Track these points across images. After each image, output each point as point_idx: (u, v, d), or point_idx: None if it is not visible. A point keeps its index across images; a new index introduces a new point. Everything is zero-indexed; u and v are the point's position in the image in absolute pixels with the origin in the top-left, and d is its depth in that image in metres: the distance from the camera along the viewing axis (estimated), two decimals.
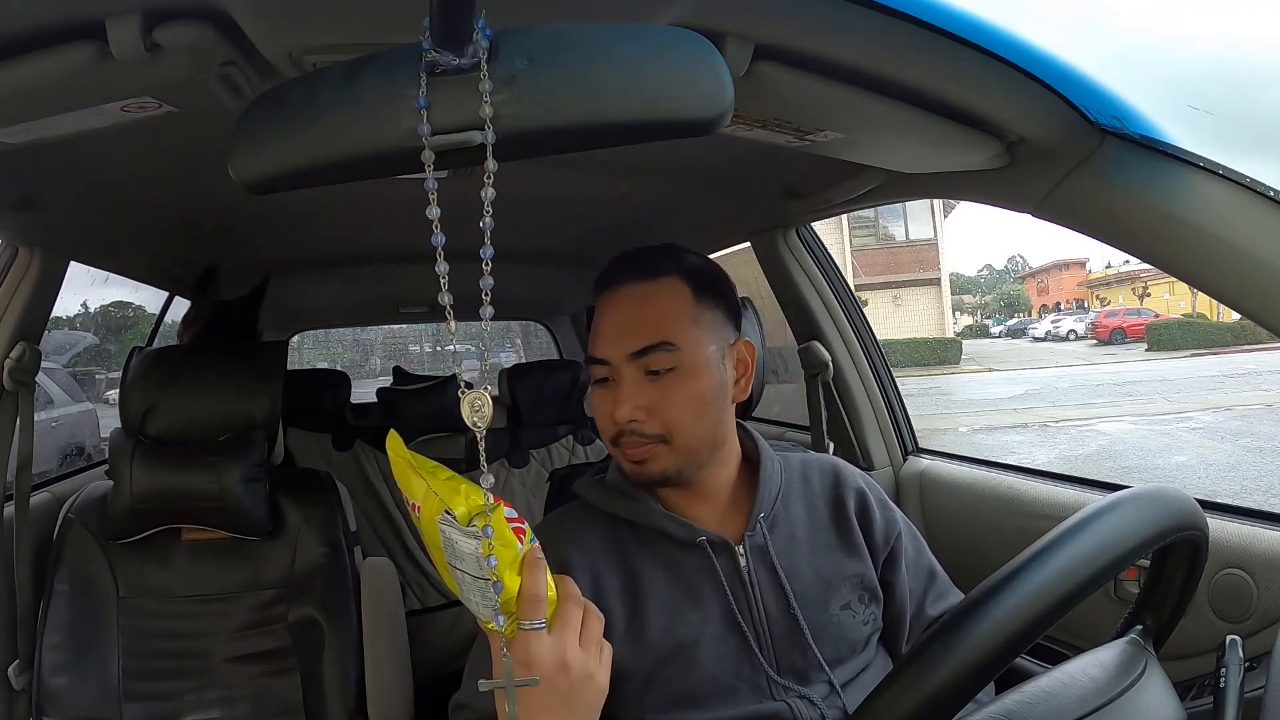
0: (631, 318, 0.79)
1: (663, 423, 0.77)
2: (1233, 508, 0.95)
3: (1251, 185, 0.62)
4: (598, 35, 0.48)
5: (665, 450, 0.78)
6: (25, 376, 1.16)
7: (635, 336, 0.78)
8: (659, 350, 0.77)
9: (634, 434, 0.78)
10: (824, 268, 1.48)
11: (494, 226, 0.46)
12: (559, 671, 0.56)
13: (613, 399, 0.78)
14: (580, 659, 0.58)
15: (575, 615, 0.59)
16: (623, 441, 0.79)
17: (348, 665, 1.19)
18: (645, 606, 0.78)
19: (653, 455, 0.78)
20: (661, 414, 0.77)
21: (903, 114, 0.71)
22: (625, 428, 0.78)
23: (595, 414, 0.82)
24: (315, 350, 5.31)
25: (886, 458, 1.48)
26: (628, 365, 0.78)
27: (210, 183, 0.81)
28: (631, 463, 0.79)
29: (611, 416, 0.78)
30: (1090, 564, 0.50)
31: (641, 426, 0.77)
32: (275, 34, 0.61)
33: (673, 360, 0.78)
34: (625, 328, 0.79)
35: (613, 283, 0.81)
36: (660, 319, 0.78)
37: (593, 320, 0.82)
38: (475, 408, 0.48)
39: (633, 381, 0.78)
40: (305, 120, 0.47)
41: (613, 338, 0.79)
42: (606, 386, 0.80)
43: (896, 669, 0.51)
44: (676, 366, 0.78)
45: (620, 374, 0.78)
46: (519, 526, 0.55)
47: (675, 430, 0.78)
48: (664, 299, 0.80)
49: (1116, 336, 20.11)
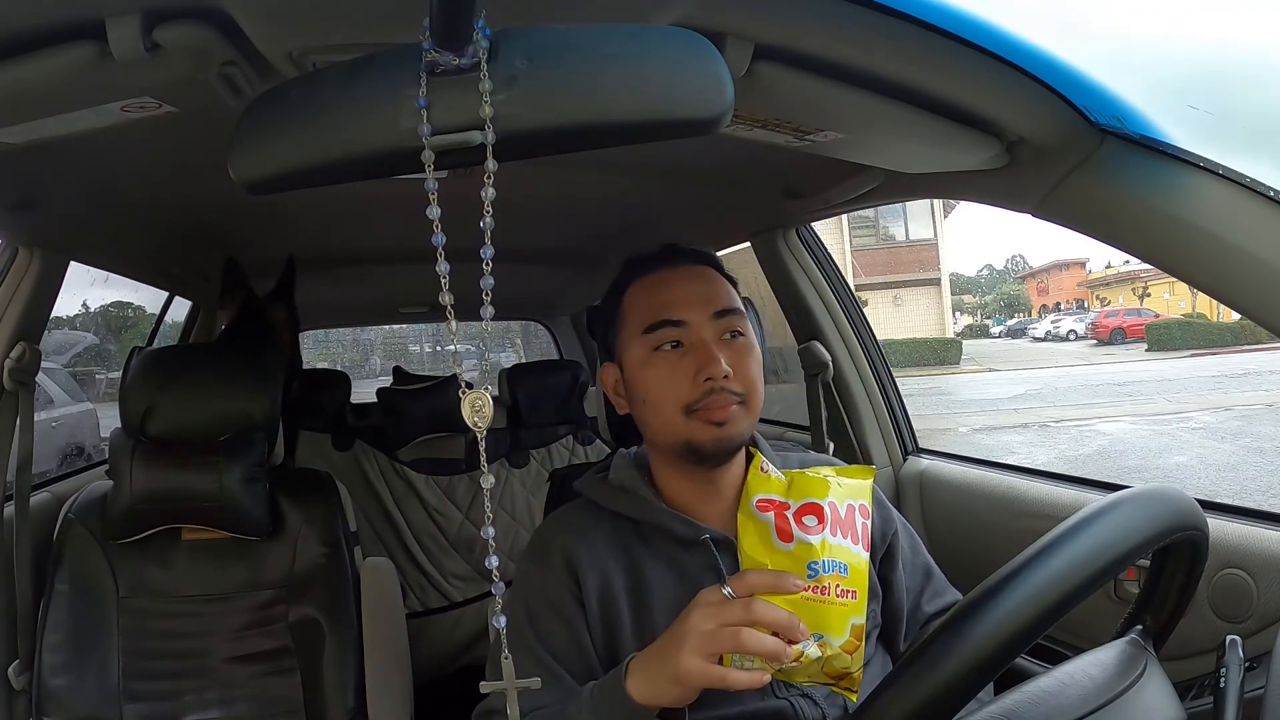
0: (704, 286, 0.81)
1: (744, 382, 0.78)
2: (1233, 508, 0.95)
3: (1251, 185, 0.62)
4: (598, 35, 0.48)
5: (743, 413, 0.79)
6: (25, 376, 1.16)
7: (715, 301, 0.80)
8: (736, 314, 0.80)
9: (724, 391, 0.77)
10: (824, 268, 1.48)
11: (494, 226, 0.46)
12: None
13: (693, 360, 0.78)
14: None
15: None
16: (709, 402, 0.77)
17: (348, 665, 1.18)
18: (650, 604, 0.79)
19: (733, 417, 0.78)
20: (744, 374, 0.78)
21: (903, 114, 0.71)
22: (717, 385, 0.76)
23: (661, 384, 0.79)
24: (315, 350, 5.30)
25: (886, 458, 1.48)
26: (710, 325, 0.79)
27: (210, 183, 0.81)
28: (714, 424, 0.77)
29: (696, 378, 0.77)
30: (1090, 564, 0.50)
31: (730, 384, 0.77)
32: (275, 34, 0.61)
33: (744, 326, 0.81)
34: (703, 294, 0.80)
35: (664, 264, 0.83)
36: (727, 291, 0.82)
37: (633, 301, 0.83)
38: (475, 408, 0.48)
39: (716, 341, 0.78)
40: (305, 120, 0.47)
41: (692, 301, 0.80)
42: (677, 352, 0.79)
43: (897, 669, 0.51)
44: (746, 333, 0.81)
45: (700, 335, 0.79)
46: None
47: (753, 391, 0.79)
48: (719, 279, 0.83)
49: (1116, 336, 20.10)
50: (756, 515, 0.67)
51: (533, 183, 1.26)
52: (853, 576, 0.64)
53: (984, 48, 0.61)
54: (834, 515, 0.65)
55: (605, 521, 0.83)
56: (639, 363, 0.81)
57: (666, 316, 0.79)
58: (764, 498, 0.67)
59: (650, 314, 0.80)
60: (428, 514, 2.11)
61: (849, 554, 0.65)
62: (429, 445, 2.18)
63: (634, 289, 0.83)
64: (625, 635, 0.78)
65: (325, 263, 1.94)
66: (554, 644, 0.78)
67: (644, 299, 0.82)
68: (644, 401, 0.81)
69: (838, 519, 0.65)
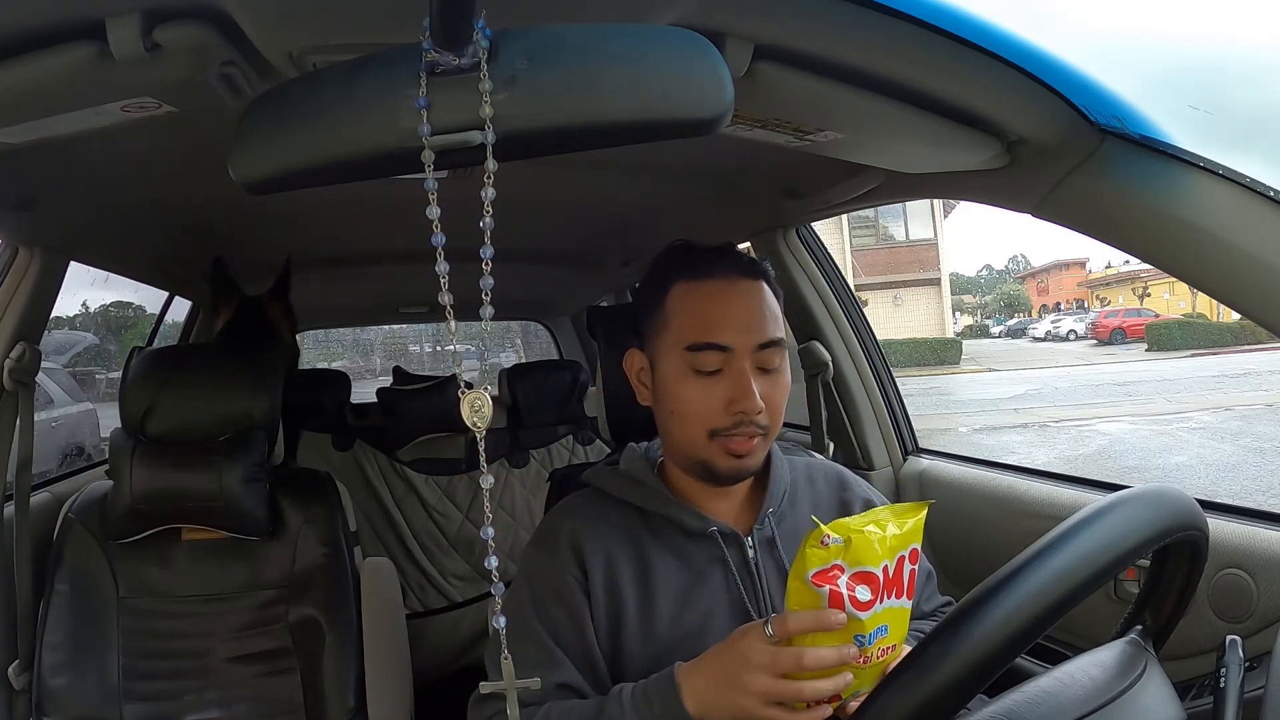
0: (756, 311, 0.79)
1: (772, 416, 0.78)
2: (1233, 508, 0.95)
3: (1251, 185, 0.62)
4: (598, 35, 0.48)
5: (763, 443, 0.79)
6: (25, 376, 1.16)
7: (761, 330, 0.78)
8: (777, 347, 0.79)
9: (752, 424, 0.77)
10: (824, 268, 1.48)
11: (494, 226, 0.46)
12: None
13: (728, 389, 0.76)
14: None
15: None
16: (737, 432, 0.77)
17: (348, 665, 1.18)
18: (656, 594, 0.79)
19: (754, 449, 0.78)
20: (773, 408, 0.78)
21: (903, 114, 0.71)
22: (747, 418, 0.76)
23: (692, 404, 0.78)
24: (315, 350, 5.31)
25: (886, 458, 1.48)
26: (752, 356, 0.77)
27: (210, 183, 0.81)
28: (735, 456, 0.78)
29: (729, 408, 0.76)
30: (1090, 564, 0.50)
31: (761, 417, 0.77)
32: (275, 34, 0.61)
33: (781, 359, 0.80)
34: (752, 319, 0.78)
35: (718, 273, 0.80)
36: (776, 318, 0.80)
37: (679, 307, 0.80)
38: (475, 408, 0.48)
39: (754, 372, 0.77)
40: (305, 120, 0.47)
41: (740, 327, 0.78)
42: (714, 377, 0.77)
43: (897, 669, 0.51)
44: (781, 365, 0.80)
45: (741, 364, 0.77)
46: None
47: (776, 424, 0.80)
48: (770, 300, 0.81)
49: (1116, 336, 20.08)
50: (812, 588, 0.62)
51: (533, 183, 1.26)
52: (893, 632, 0.63)
53: (984, 48, 0.61)
54: (885, 579, 0.62)
55: (613, 511, 0.84)
56: (675, 374, 0.79)
57: (714, 340, 0.77)
58: (820, 570, 0.62)
59: (697, 331, 0.78)
60: (428, 514, 2.11)
61: (894, 612, 0.63)
62: (429, 445, 2.18)
63: (683, 290, 0.80)
64: (630, 623, 0.78)
65: (325, 263, 1.94)
66: (557, 629, 0.79)
67: (692, 308, 0.79)
68: (671, 413, 0.80)
69: (889, 582, 0.62)
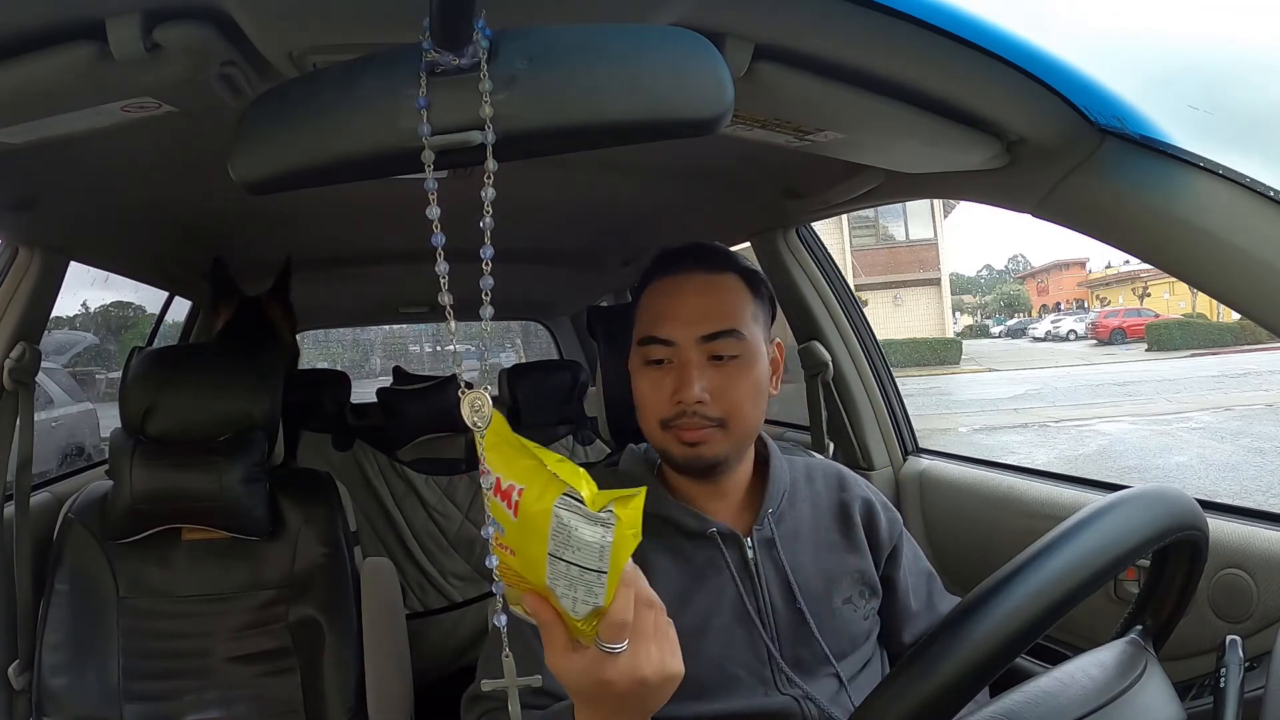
0: (703, 303, 0.81)
1: (724, 407, 0.79)
2: (1233, 508, 0.95)
3: (1251, 185, 0.62)
4: (598, 35, 0.48)
5: (721, 435, 0.80)
6: (25, 376, 1.16)
7: (707, 321, 0.80)
8: (729, 337, 0.80)
9: (696, 415, 0.79)
10: (824, 268, 1.48)
11: (494, 226, 0.46)
12: (637, 686, 0.51)
13: (673, 380, 0.79)
14: (657, 666, 0.52)
15: (648, 620, 0.52)
16: (680, 423, 0.79)
17: (348, 665, 1.18)
18: None
19: (709, 439, 0.79)
20: (724, 398, 0.79)
21: (903, 114, 0.71)
22: (688, 409, 0.78)
23: (645, 396, 0.82)
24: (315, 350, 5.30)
25: (886, 458, 1.48)
26: (696, 348, 0.80)
27: (210, 183, 0.81)
28: (686, 445, 0.80)
29: (671, 398, 0.79)
30: (1090, 564, 0.50)
31: (705, 409, 0.79)
32: (275, 34, 0.61)
33: (738, 349, 0.80)
34: (697, 312, 0.80)
35: (674, 269, 0.83)
36: (730, 308, 0.81)
37: (643, 304, 0.84)
38: (475, 408, 0.48)
39: (699, 364, 0.79)
40: (305, 120, 0.47)
41: (683, 320, 0.80)
42: (662, 369, 0.81)
43: (897, 669, 0.51)
44: (740, 355, 0.80)
45: (685, 356, 0.80)
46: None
47: (734, 415, 0.80)
48: (730, 291, 0.83)
49: (1116, 336, 20.09)
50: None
51: (533, 183, 1.26)
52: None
53: (984, 48, 0.61)
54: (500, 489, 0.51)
55: None
56: (635, 368, 0.84)
57: (655, 334, 0.81)
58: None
59: (647, 325, 0.82)
60: (428, 514, 2.11)
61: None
62: (429, 445, 2.18)
63: (649, 290, 0.85)
64: None
65: (325, 263, 1.94)
66: None
67: (649, 304, 0.84)
68: (635, 406, 0.84)
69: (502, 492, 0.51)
